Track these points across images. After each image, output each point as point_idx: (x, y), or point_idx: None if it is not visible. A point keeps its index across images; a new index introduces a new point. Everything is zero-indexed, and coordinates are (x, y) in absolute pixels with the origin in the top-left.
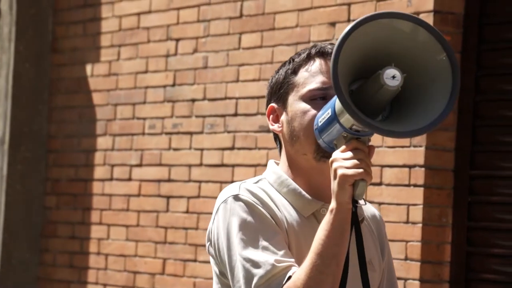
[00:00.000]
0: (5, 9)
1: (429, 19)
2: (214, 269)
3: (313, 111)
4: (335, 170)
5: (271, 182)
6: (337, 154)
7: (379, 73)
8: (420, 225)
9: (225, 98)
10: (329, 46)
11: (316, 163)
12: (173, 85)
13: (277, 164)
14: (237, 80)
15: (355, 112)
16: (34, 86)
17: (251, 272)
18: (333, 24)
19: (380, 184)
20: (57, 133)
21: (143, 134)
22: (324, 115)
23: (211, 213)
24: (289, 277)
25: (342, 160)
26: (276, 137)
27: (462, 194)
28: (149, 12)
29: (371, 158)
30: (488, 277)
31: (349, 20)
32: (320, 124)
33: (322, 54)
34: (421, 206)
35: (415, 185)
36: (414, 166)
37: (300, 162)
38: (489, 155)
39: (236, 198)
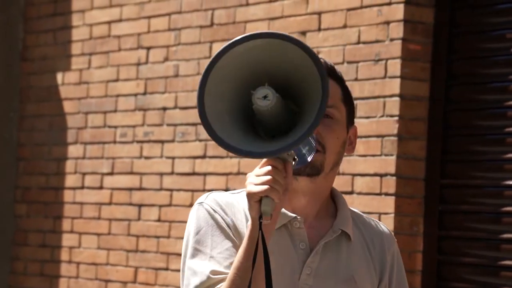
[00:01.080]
0: None
1: (399, 28)
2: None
3: None
4: (246, 185)
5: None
6: (253, 171)
7: (252, 93)
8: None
9: (196, 106)
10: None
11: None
12: (144, 93)
13: None
14: None
15: (210, 132)
16: (4, 94)
17: (189, 280)
18: (303, 33)
19: (351, 192)
20: (27, 141)
21: (115, 142)
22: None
23: (182, 222)
24: None
25: (253, 177)
26: None
27: (433, 203)
28: (120, 20)
29: (289, 174)
30: (459, 286)
31: (319, 29)
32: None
33: None
34: (393, 215)
35: (386, 194)
36: (386, 175)
37: None
38: (459, 165)
39: (200, 206)
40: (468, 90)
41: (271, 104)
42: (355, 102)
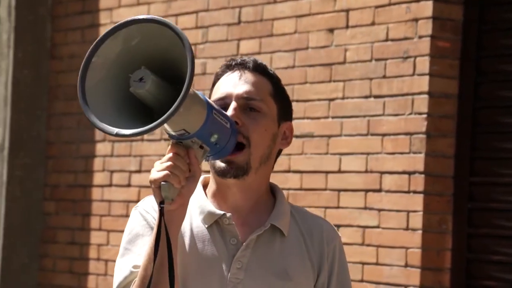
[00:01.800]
0: (3, 16)
1: (428, 25)
2: None
3: None
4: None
5: (194, 193)
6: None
7: (129, 76)
8: (420, 231)
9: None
10: (250, 59)
11: (219, 178)
12: None
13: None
14: None
15: (85, 112)
16: (32, 92)
17: (116, 276)
18: (331, 30)
19: (379, 190)
20: (56, 139)
21: (142, 140)
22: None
23: None
24: None
25: (157, 164)
26: None
27: (461, 200)
28: None
29: (192, 160)
30: (488, 283)
31: (347, 27)
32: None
33: (242, 65)
34: (421, 213)
35: (415, 192)
36: (414, 172)
37: (213, 175)
38: (488, 162)
39: (135, 210)
40: (497, 87)
41: (146, 86)
42: (383, 99)
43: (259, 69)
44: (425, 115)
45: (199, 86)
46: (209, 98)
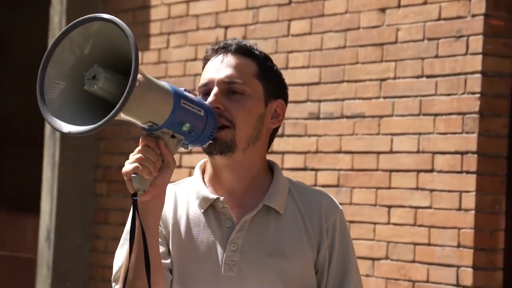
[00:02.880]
0: None
1: (481, 4)
2: None
3: None
4: None
5: (191, 182)
6: None
7: (84, 74)
8: (473, 212)
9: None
10: (234, 42)
11: (210, 158)
12: None
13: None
14: (287, 67)
15: (42, 110)
16: None
17: (113, 267)
18: (383, 10)
19: (432, 171)
20: None
21: None
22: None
23: None
24: None
25: (130, 157)
26: None
27: None
28: None
29: (163, 151)
30: None
31: (399, 6)
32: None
33: (224, 48)
34: (474, 193)
35: (468, 172)
36: (467, 152)
37: (210, 161)
38: None
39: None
40: None
41: (99, 83)
42: (435, 79)
43: (242, 51)
44: (478, 95)
45: None
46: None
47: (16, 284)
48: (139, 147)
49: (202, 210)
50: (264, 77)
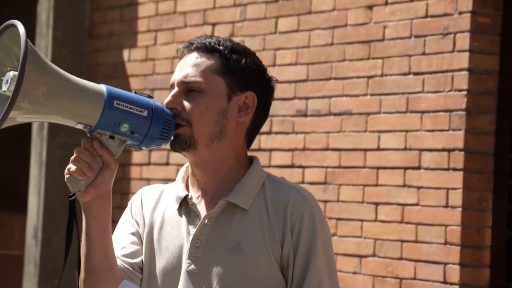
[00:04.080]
0: None
1: (468, 1)
2: None
3: None
4: None
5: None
6: None
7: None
8: (460, 209)
9: None
10: (198, 39)
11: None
12: None
13: None
14: (274, 65)
15: None
16: (72, 71)
17: None
18: (370, 7)
19: (419, 168)
20: None
21: None
22: None
23: None
24: None
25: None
26: None
27: (502, 178)
28: None
29: (99, 151)
30: None
31: (386, 3)
32: None
33: (188, 47)
34: (461, 190)
35: (455, 169)
36: (454, 150)
37: None
38: None
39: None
40: None
41: (9, 87)
42: (422, 76)
43: (203, 48)
44: (465, 92)
45: None
46: None
47: (3, 281)
48: (77, 148)
49: (176, 208)
50: (227, 71)
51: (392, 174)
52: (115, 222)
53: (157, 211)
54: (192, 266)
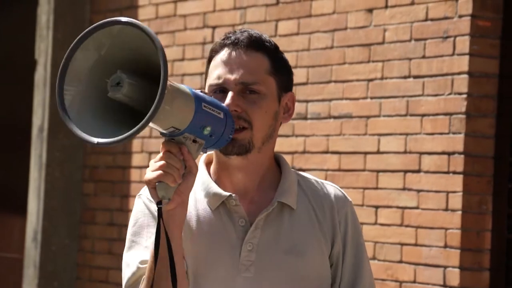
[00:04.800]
0: None
1: (468, 4)
2: None
3: None
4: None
5: (197, 177)
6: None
7: (106, 81)
8: (460, 212)
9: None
10: (244, 35)
11: (224, 158)
12: None
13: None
14: None
15: (65, 120)
16: None
17: (124, 272)
18: (370, 10)
19: (418, 171)
20: None
21: None
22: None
23: None
24: None
25: (151, 164)
26: None
27: (502, 181)
28: None
29: (186, 156)
30: None
31: (386, 7)
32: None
33: (235, 44)
34: (461, 194)
35: (454, 172)
36: (454, 153)
37: (216, 156)
38: None
39: (138, 198)
40: None
41: (124, 90)
42: (422, 80)
43: (254, 46)
44: (465, 95)
45: None
46: (206, 75)
47: (3, 284)
48: (162, 154)
49: (213, 208)
50: (276, 71)
51: (392, 177)
52: (115, 225)
53: (189, 211)
54: (247, 271)
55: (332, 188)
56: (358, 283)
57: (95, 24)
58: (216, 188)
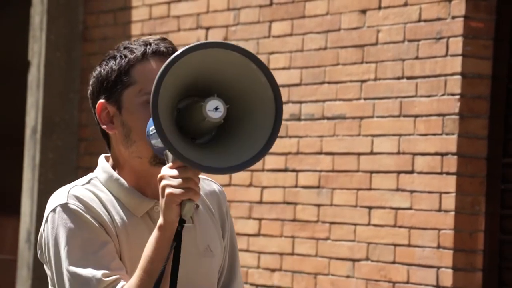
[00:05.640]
0: None
1: (461, 6)
2: (48, 274)
3: None
4: (163, 188)
5: (102, 182)
6: (165, 171)
7: (201, 105)
8: (453, 213)
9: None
10: (162, 45)
11: (150, 167)
12: None
13: (107, 159)
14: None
15: (176, 152)
16: (65, 75)
17: None
18: (363, 11)
19: (412, 172)
20: (88, 122)
21: None
22: (151, 126)
23: (240, 201)
24: None
25: (170, 178)
26: (104, 132)
27: (495, 182)
28: (179, 0)
29: (198, 175)
30: None
31: (380, 8)
32: (151, 133)
33: (157, 54)
34: (454, 194)
35: (448, 173)
36: (447, 154)
37: (133, 163)
38: None
39: (64, 207)
40: None
41: (223, 115)
42: (415, 81)
43: (170, 54)
44: (458, 96)
45: None
46: (125, 79)
47: None
48: (183, 169)
49: (139, 216)
50: None
51: (385, 178)
52: None
53: (116, 220)
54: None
55: (214, 184)
56: (235, 275)
57: (195, 44)
58: (140, 196)
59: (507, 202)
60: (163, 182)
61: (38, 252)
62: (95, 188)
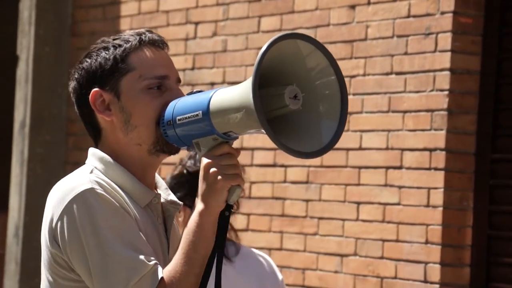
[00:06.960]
0: None
1: (450, 1)
2: (45, 258)
3: (154, 102)
4: (213, 175)
5: (103, 171)
6: (213, 158)
7: (283, 92)
8: (441, 208)
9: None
10: (155, 35)
11: (149, 156)
12: (192, 68)
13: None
14: None
15: (279, 142)
16: (53, 69)
17: (123, 272)
18: (353, 6)
19: (400, 167)
20: (76, 117)
21: None
22: (188, 113)
23: None
24: (162, 278)
25: (220, 166)
26: (89, 122)
27: (483, 177)
28: None
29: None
30: (509, 260)
31: (369, 3)
32: (179, 121)
33: (152, 43)
34: (442, 190)
35: (436, 169)
36: (435, 149)
37: (131, 151)
38: (510, 139)
39: (92, 192)
40: None
41: (301, 103)
42: (404, 76)
43: (165, 45)
44: (446, 92)
45: (220, 63)
46: (120, 68)
47: None
48: (230, 156)
49: (142, 206)
50: None
51: (374, 174)
52: None
53: (130, 209)
54: None
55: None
56: None
57: (285, 34)
58: (144, 187)
59: (495, 197)
60: (213, 169)
61: (49, 240)
62: (100, 177)
